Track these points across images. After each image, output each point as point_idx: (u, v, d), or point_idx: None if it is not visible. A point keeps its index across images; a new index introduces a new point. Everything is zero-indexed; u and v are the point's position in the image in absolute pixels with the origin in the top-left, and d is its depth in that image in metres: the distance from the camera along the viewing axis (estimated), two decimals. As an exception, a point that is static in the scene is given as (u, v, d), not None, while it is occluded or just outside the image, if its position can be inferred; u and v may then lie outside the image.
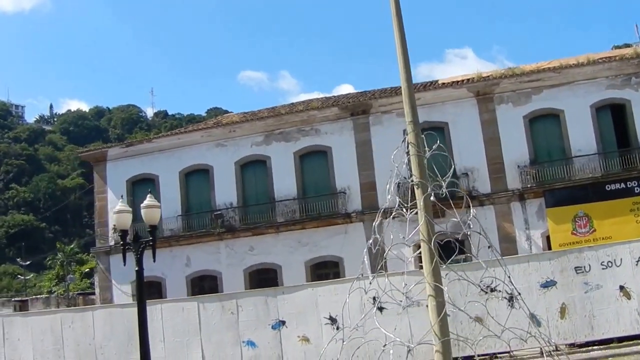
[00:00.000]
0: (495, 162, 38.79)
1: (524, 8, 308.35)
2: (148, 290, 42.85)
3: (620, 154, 37.87)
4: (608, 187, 37.10)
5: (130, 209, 21.31)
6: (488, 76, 41.07)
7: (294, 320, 25.29)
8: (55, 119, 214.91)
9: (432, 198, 14.40)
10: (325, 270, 40.72)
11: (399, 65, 17.34)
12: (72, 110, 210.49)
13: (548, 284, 24.28)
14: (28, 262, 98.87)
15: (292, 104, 50.30)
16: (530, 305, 20.41)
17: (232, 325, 25.95)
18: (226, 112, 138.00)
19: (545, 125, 39.44)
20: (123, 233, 20.63)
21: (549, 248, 36.38)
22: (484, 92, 39.91)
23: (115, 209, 21.10)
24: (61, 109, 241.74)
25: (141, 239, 20.45)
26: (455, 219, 16.20)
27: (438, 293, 16.05)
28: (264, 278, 41.29)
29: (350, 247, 39.56)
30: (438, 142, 18.39)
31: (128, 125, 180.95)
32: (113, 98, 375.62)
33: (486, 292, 21.88)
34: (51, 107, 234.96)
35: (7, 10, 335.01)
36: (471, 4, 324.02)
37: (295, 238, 41.18)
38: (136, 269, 20.30)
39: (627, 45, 67.64)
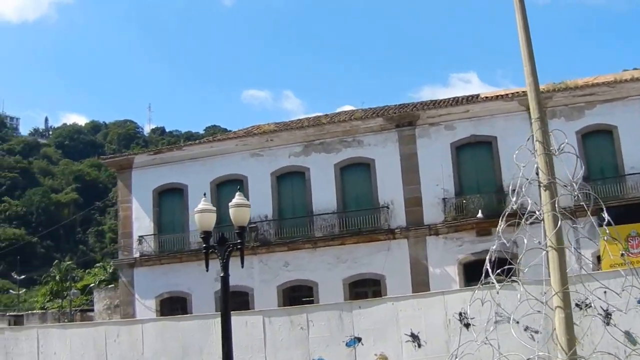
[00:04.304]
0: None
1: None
2: (171, 306, 41.42)
3: (675, 171, 36.38)
4: (662, 206, 35.66)
5: (214, 208, 19.29)
6: (540, 89, 39.40)
7: (371, 337, 23.18)
8: (51, 133, 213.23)
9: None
10: (364, 288, 38.74)
11: (522, 58, 15.58)
12: (68, 124, 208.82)
13: (647, 300, 22.59)
14: (23, 277, 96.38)
15: (334, 113, 48.58)
16: (626, 323, 18.67)
17: (302, 341, 23.78)
18: (225, 130, 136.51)
19: (597, 141, 37.80)
20: (206, 235, 18.67)
21: (599, 268, 34.86)
22: (536, 106, 38.23)
23: (197, 208, 19.09)
24: (58, 122, 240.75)
25: (227, 242, 18.51)
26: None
27: (566, 304, 14.23)
28: (297, 296, 39.38)
29: (393, 264, 37.97)
30: (566, 140, 16.71)
31: (124, 141, 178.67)
32: (110, 113, 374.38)
33: (581, 308, 20.21)
34: (46, 120, 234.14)
35: (11, 20, 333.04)
36: (477, 28, 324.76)
37: (333, 254, 39.20)
38: (221, 275, 18.40)
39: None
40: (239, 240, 18.64)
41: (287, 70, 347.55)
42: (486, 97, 40.99)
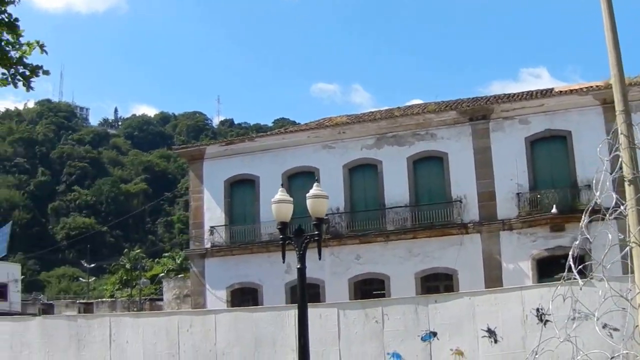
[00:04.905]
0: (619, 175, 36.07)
1: (600, 28, 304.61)
2: (242, 297, 41.50)
3: None
4: None
5: (292, 199, 19.18)
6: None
7: (447, 332, 22.79)
8: (120, 123, 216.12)
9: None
10: (435, 282, 38.36)
11: (607, 48, 15.09)
12: (137, 115, 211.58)
13: None
14: (93, 265, 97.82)
15: (406, 106, 48.20)
16: None
17: (377, 335, 23.47)
18: (294, 122, 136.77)
19: (676, 138, 36.63)
20: (283, 226, 18.57)
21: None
22: (611, 100, 37.17)
23: (274, 198, 19.03)
24: (127, 113, 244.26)
25: (304, 234, 18.42)
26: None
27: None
28: (369, 289, 38.99)
29: (465, 259, 37.41)
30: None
31: (193, 133, 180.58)
32: (179, 104, 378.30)
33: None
34: (116, 110, 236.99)
35: (81, 10, 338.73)
36: (548, 22, 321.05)
37: (405, 247, 38.75)
38: (298, 266, 18.37)
39: None
40: (316, 232, 18.43)
41: (356, 63, 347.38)
42: (560, 92, 40.17)
